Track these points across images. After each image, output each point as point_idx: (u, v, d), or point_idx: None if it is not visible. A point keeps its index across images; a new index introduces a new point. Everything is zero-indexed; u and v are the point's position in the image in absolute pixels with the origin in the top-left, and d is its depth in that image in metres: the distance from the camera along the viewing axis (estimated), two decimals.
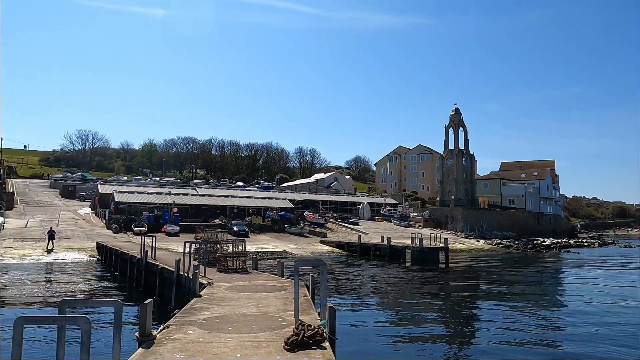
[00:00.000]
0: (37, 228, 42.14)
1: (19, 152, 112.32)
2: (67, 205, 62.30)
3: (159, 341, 6.84)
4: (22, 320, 3.63)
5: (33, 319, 3.94)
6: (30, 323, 3.76)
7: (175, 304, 14.88)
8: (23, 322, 3.60)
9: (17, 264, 28.91)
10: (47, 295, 19.09)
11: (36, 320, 4.01)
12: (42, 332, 12.07)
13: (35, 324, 3.88)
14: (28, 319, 3.75)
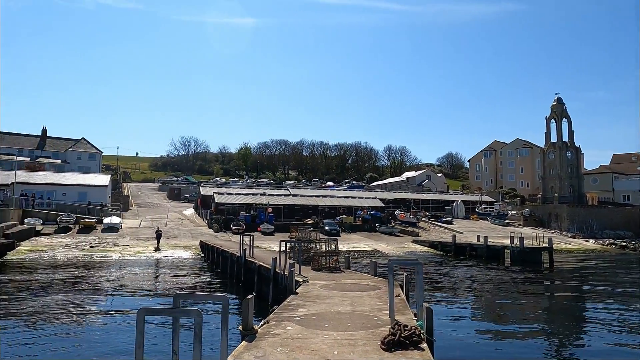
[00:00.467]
0: (149, 228, 46.09)
1: (132, 159, 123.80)
2: (174, 206, 67.49)
3: (261, 335, 7.16)
4: (144, 311, 4.02)
5: (153, 310, 4.33)
6: (151, 314, 4.14)
7: (273, 300, 15.47)
8: (145, 313, 3.99)
9: (133, 260, 31.85)
10: (160, 288, 20.81)
11: (155, 312, 4.39)
12: (150, 319, 13.17)
13: (154, 314, 4.26)
14: (149, 310, 4.13)
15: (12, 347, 11.38)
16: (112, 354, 10.65)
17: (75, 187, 52.17)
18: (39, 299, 17.86)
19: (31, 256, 31.55)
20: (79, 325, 14.03)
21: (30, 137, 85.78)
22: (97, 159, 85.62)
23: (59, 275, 24.12)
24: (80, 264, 29.39)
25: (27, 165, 62.49)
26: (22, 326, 13.72)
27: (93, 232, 42.89)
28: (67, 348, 11.34)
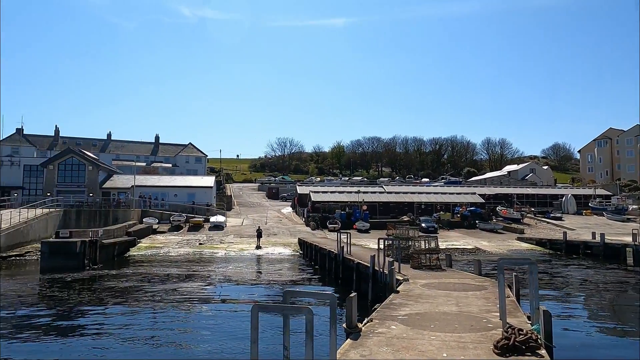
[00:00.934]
0: (251, 226, 48.40)
1: (233, 161, 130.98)
2: (272, 205, 70.21)
3: (365, 334, 7.13)
4: (258, 307, 4.18)
5: (266, 307, 4.47)
6: (263, 310, 4.28)
7: (373, 298, 15.41)
8: (258, 309, 4.14)
9: (237, 256, 33.63)
10: (264, 283, 21.73)
11: (268, 308, 4.53)
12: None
13: (266, 311, 4.39)
14: (262, 306, 4.29)
15: (138, 330, 12.56)
16: (220, 338, 11.30)
17: (185, 188, 56.39)
18: (158, 290, 19.55)
19: (149, 252, 34.65)
20: (191, 314, 15.11)
21: (146, 144, 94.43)
22: (202, 162, 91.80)
23: (174, 270, 26.22)
24: (191, 259, 31.69)
25: (143, 170, 68.83)
26: (144, 313, 15.10)
27: (201, 230, 46.02)
28: (181, 333, 12.26)
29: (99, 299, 18.26)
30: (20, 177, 51.79)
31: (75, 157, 53.15)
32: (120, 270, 26.12)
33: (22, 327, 13.65)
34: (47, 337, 12.53)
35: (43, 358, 10.63)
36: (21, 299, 18.15)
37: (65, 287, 20.50)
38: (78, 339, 12.33)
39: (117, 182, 55.93)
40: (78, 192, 50.37)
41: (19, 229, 33.39)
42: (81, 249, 26.57)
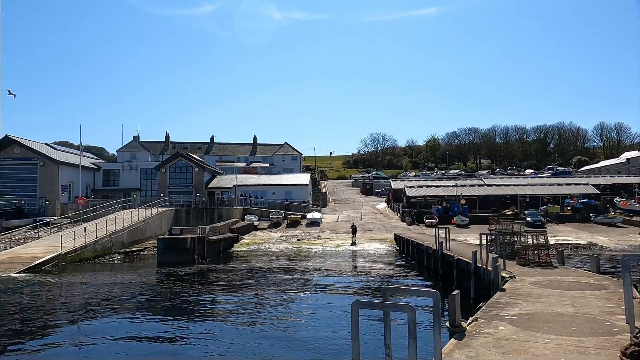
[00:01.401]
0: (346, 222, 48.77)
1: (327, 159, 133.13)
2: (367, 201, 70.16)
3: (470, 334, 6.78)
4: (357, 304, 4.13)
5: (365, 304, 4.40)
6: (363, 307, 4.22)
7: (475, 296, 14.71)
8: (358, 306, 4.09)
9: (334, 251, 34.07)
10: (361, 279, 21.75)
11: (368, 305, 4.45)
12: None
13: (367, 308, 4.32)
14: (361, 303, 4.23)
15: (243, 318, 13.22)
16: (320, 331, 11.48)
17: (282, 186, 58.37)
18: (261, 282, 20.46)
19: (251, 248, 36.37)
20: (291, 306, 15.56)
21: (245, 146, 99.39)
22: (298, 160, 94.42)
23: (275, 264, 27.26)
24: (290, 255, 32.71)
25: (243, 170, 72.47)
26: (249, 303, 15.86)
27: (298, 226, 47.32)
28: (282, 324, 12.66)
29: (209, 290, 19.55)
30: (137, 180, 57.14)
31: (184, 160, 57.40)
32: (226, 264, 27.73)
33: (142, 311, 15.05)
34: (164, 322, 13.65)
35: (160, 335, 11.60)
36: (143, 289, 19.99)
37: (179, 279, 22.21)
38: (192, 323, 13.27)
39: (221, 182, 59.45)
40: (186, 192, 54.38)
41: (138, 226, 36.89)
42: (191, 245, 28.62)
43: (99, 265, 28.29)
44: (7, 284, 20.73)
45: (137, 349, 11.19)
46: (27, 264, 24.70)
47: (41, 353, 11.11)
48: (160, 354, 10.89)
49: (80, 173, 50.07)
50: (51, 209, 46.62)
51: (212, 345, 11.40)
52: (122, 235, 34.17)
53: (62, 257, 26.99)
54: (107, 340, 11.98)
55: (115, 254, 32.03)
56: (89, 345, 11.63)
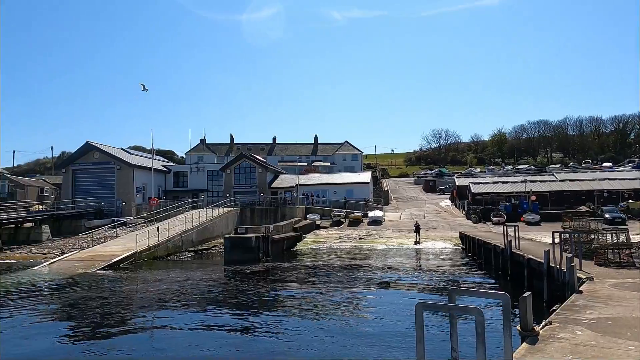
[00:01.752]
0: (409, 220, 48.01)
1: (388, 156, 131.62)
2: (430, 198, 68.69)
3: (543, 338, 6.43)
4: (422, 306, 4.03)
5: (430, 306, 4.30)
6: (428, 309, 4.12)
7: (548, 297, 13.96)
8: (423, 308, 4.00)
9: (397, 250, 33.65)
10: (425, 278, 21.32)
11: (433, 307, 4.34)
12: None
13: (431, 310, 4.21)
14: (426, 305, 4.13)
15: (307, 311, 13.39)
16: (384, 325, 11.36)
17: (343, 185, 58.48)
18: (324, 280, 20.61)
19: (314, 246, 36.74)
20: (355, 304, 15.54)
21: (306, 145, 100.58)
22: (358, 158, 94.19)
23: (338, 262, 27.37)
24: (352, 253, 32.71)
25: (305, 169, 73.37)
26: (314, 300, 16.02)
27: (360, 225, 47.19)
28: (345, 321, 12.66)
29: (274, 287, 20.01)
30: (205, 181, 59.51)
31: (248, 161, 59.06)
32: (290, 262, 28.21)
33: (212, 306, 15.67)
34: (232, 317, 14.13)
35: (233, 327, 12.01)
36: (212, 285, 20.79)
37: (246, 277, 22.88)
38: (259, 319, 13.64)
39: (283, 182, 60.55)
40: (251, 192, 55.90)
41: (206, 226, 38.41)
42: (256, 243, 29.39)
43: (171, 262, 29.75)
44: (90, 280, 22.33)
45: (207, 343, 11.64)
46: (107, 261, 26.47)
47: (119, 344, 11.84)
48: (228, 346, 11.26)
49: (152, 175, 52.95)
50: (127, 209, 49.67)
51: (277, 339, 11.65)
52: (192, 234, 35.73)
53: (137, 255, 28.65)
54: (179, 333, 12.58)
55: (185, 252, 33.54)
56: (163, 338, 12.27)
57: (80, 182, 53.04)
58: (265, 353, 10.74)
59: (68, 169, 53.38)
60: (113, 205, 50.75)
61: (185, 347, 11.12)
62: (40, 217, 42.99)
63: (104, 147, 54.40)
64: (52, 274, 24.30)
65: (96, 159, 52.94)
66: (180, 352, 10.82)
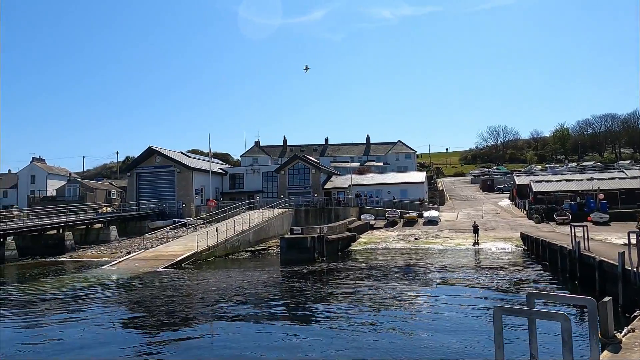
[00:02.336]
0: (466, 220, 46.69)
1: (442, 155, 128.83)
2: (488, 198, 66.46)
3: (627, 346, 6.01)
4: (500, 310, 3.86)
5: (509, 310, 4.11)
6: (507, 313, 3.94)
7: (624, 302, 13.11)
8: (501, 312, 3.82)
9: (454, 251, 32.79)
10: (486, 281, 20.57)
11: (512, 311, 4.15)
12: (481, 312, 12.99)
13: (510, 314, 4.03)
14: (505, 309, 3.95)
15: (364, 313, 13.29)
16: (444, 330, 11.06)
17: (397, 185, 57.76)
18: (381, 281, 20.40)
19: (369, 247, 36.51)
20: (413, 306, 15.24)
21: (358, 146, 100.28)
22: (412, 158, 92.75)
23: (393, 263, 27.04)
24: (408, 253, 32.21)
25: (358, 170, 73.10)
26: (371, 301, 15.87)
27: (415, 225, 46.40)
28: (403, 324, 12.44)
29: (331, 288, 20.04)
30: (260, 182, 60.69)
31: (301, 162, 59.65)
32: (346, 263, 28.18)
33: (269, 306, 15.91)
34: (289, 317, 14.28)
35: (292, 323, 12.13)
36: (270, 285, 21.13)
37: (302, 277, 23.07)
38: (315, 319, 13.71)
39: (336, 183, 60.65)
40: (305, 193, 56.41)
41: (262, 226, 39.14)
42: (311, 243, 29.58)
43: (230, 262, 30.53)
44: (155, 278, 23.32)
45: (267, 342, 11.80)
46: (169, 260, 27.56)
47: (183, 344, 12.25)
48: (285, 349, 11.35)
49: (210, 178, 54.64)
50: (187, 211, 51.53)
51: (334, 342, 11.60)
52: (249, 235, 36.52)
53: (198, 255, 29.63)
54: (238, 330, 12.87)
55: (242, 252, 34.34)
56: (224, 337, 12.57)
57: (143, 184, 55.66)
58: (326, 353, 10.75)
59: (132, 172, 56.14)
60: (174, 206, 52.84)
61: (246, 348, 11.27)
62: (108, 218, 45.49)
63: (165, 151, 56.76)
64: (120, 272, 25.60)
65: (158, 162, 55.32)
66: (241, 352, 10.99)
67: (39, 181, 76.93)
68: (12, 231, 34.95)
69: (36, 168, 78.56)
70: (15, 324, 15.11)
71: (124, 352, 11.38)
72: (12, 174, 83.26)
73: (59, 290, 21.28)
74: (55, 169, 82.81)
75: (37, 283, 23.67)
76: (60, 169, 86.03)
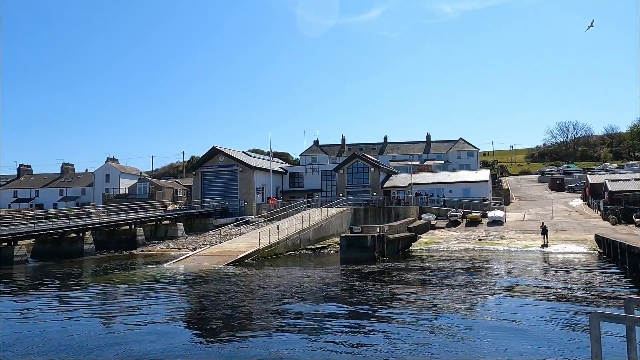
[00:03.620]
0: (533, 221, 44.49)
1: (507, 153, 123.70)
2: (557, 197, 62.99)
3: None
4: (598, 316, 3.55)
5: (607, 316, 3.78)
6: (605, 319, 3.62)
7: None
8: (599, 318, 3.52)
9: (521, 253, 31.31)
10: (559, 286, 19.43)
11: (612, 318, 3.82)
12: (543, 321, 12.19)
13: (609, 320, 3.71)
14: (604, 315, 3.64)
15: (426, 319, 12.94)
16: (511, 336, 10.52)
17: (459, 184, 56.08)
18: (444, 283, 19.84)
19: (430, 247, 35.69)
20: (478, 311, 14.66)
21: (418, 144, 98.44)
22: (474, 156, 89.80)
23: (457, 264, 26.24)
24: (471, 255, 31.16)
25: (418, 168, 71.72)
26: (433, 304, 15.44)
27: (479, 225, 44.82)
28: (467, 331, 11.96)
29: (391, 289, 19.76)
30: (319, 181, 61.11)
31: (360, 161, 59.41)
32: (408, 263, 27.70)
33: (330, 304, 15.91)
34: (349, 317, 14.19)
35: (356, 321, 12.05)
36: (330, 283, 21.17)
37: (362, 277, 22.92)
38: (374, 320, 13.54)
39: (396, 181, 59.85)
40: (363, 191, 56.14)
41: (322, 225, 39.36)
42: (371, 242, 29.33)
43: (290, 260, 30.94)
44: (220, 274, 24.07)
45: (322, 342, 11.76)
46: (233, 257, 28.34)
47: (247, 342, 12.48)
48: (346, 348, 11.25)
49: (271, 177, 55.76)
50: (249, 208, 52.87)
51: (393, 345, 11.34)
52: (309, 233, 36.84)
53: (260, 251, 30.26)
54: (297, 327, 12.94)
55: (303, 250, 34.69)
56: (285, 336, 12.69)
57: (207, 183, 57.73)
58: (386, 355, 10.56)
59: (197, 171, 58.38)
60: (236, 204, 54.38)
61: (305, 350, 11.20)
62: (176, 215, 47.58)
63: (228, 150, 58.55)
64: (187, 267, 26.65)
65: (221, 162, 57.15)
66: (301, 353, 10.96)
67: (112, 180, 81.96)
68: (89, 226, 37.39)
69: (110, 167, 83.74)
70: (90, 314, 16.12)
71: (185, 345, 11.75)
72: (89, 173, 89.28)
73: (130, 283, 22.50)
74: (127, 169, 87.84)
75: (112, 275, 25.15)
76: (132, 168, 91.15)
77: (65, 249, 34.57)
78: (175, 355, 10.72)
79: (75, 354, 10.96)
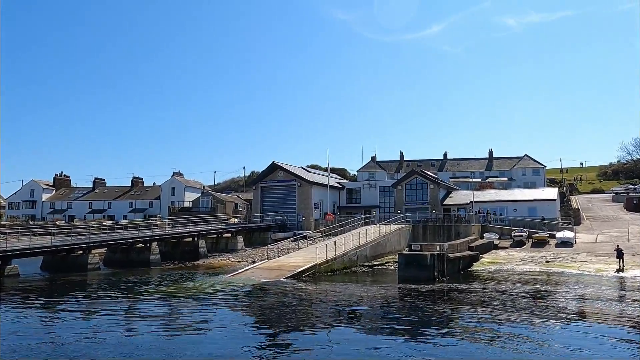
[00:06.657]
0: (607, 243, 41.66)
1: (576, 170, 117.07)
2: (633, 218, 58.50)
3: None
4: None
5: None
6: None
7: None
8: None
9: (594, 278, 29.32)
10: (635, 315, 18.05)
11: None
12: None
13: None
14: None
15: (487, 345, 12.40)
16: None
17: (524, 202, 53.64)
18: (508, 307, 18.96)
19: (493, 268, 34.27)
20: (545, 339, 13.87)
21: (480, 160, 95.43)
22: (540, 173, 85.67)
23: (522, 287, 25.00)
24: (538, 277, 29.59)
25: (479, 185, 69.42)
26: (496, 330, 14.78)
27: (546, 246, 42.56)
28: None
29: (451, 310, 19.16)
30: (376, 197, 60.68)
31: (419, 177, 58.42)
32: (468, 284, 26.73)
33: (385, 324, 15.66)
34: (405, 339, 13.89)
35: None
36: (387, 302, 20.87)
37: (421, 296, 22.38)
38: (432, 344, 13.16)
39: (456, 199, 58.23)
40: (422, 209, 55.02)
41: (379, 241, 38.97)
42: (431, 261, 28.62)
43: (347, 276, 30.82)
44: (278, 288, 24.41)
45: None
46: (291, 271, 28.66)
47: (299, 350, 12.55)
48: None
49: (328, 192, 56.10)
50: (306, 223, 53.38)
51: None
52: (366, 249, 36.57)
53: (317, 267, 30.38)
54: (355, 344, 12.84)
55: (359, 267, 34.44)
56: (342, 350, 12.64)
57: (266, 197, 59.01)
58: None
59: (257, 186, 59.85)
60: (294, 219, 55.10)
61: None
62: (236, 229, 48.94)
63: (287, 166, 59.65)
64: (246, 280, 27.25)
65: (280, 177, 58.29)
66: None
67: (178, 193, 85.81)
68: (156, 237, 39.28)
69: (176, 181, 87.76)
70: (154, 322, 16.86)
71: (244, 351, 12.04)
72: (156, 186, 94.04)
73: (195, 293, 23.33)
74: (191, 182, 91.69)
75: (177, 285, 26.21)
76: (196, 182, 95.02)
77: (133, 258, 36.52)
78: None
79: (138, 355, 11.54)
